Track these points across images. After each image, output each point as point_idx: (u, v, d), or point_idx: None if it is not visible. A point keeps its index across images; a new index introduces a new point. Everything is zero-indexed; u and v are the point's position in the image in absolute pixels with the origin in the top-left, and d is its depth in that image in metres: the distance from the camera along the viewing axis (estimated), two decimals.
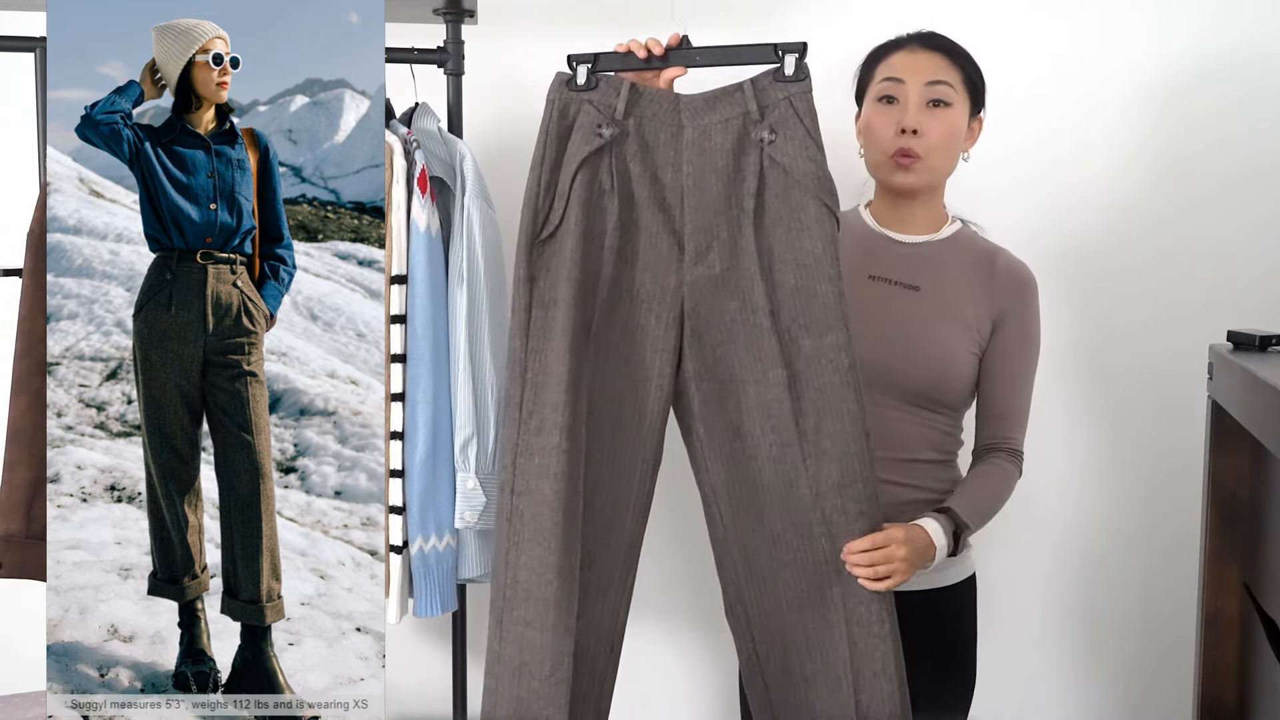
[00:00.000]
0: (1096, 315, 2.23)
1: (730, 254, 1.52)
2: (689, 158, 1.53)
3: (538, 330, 1.51)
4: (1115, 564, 2.27)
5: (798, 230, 1.50)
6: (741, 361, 1.54)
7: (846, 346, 1.51)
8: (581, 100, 1.54)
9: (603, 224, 1.53)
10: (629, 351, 1.54)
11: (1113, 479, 2.27)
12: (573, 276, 1.50)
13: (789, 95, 1.51)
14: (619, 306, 1.54)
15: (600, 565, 1.56)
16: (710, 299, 1.53)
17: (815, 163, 1.50)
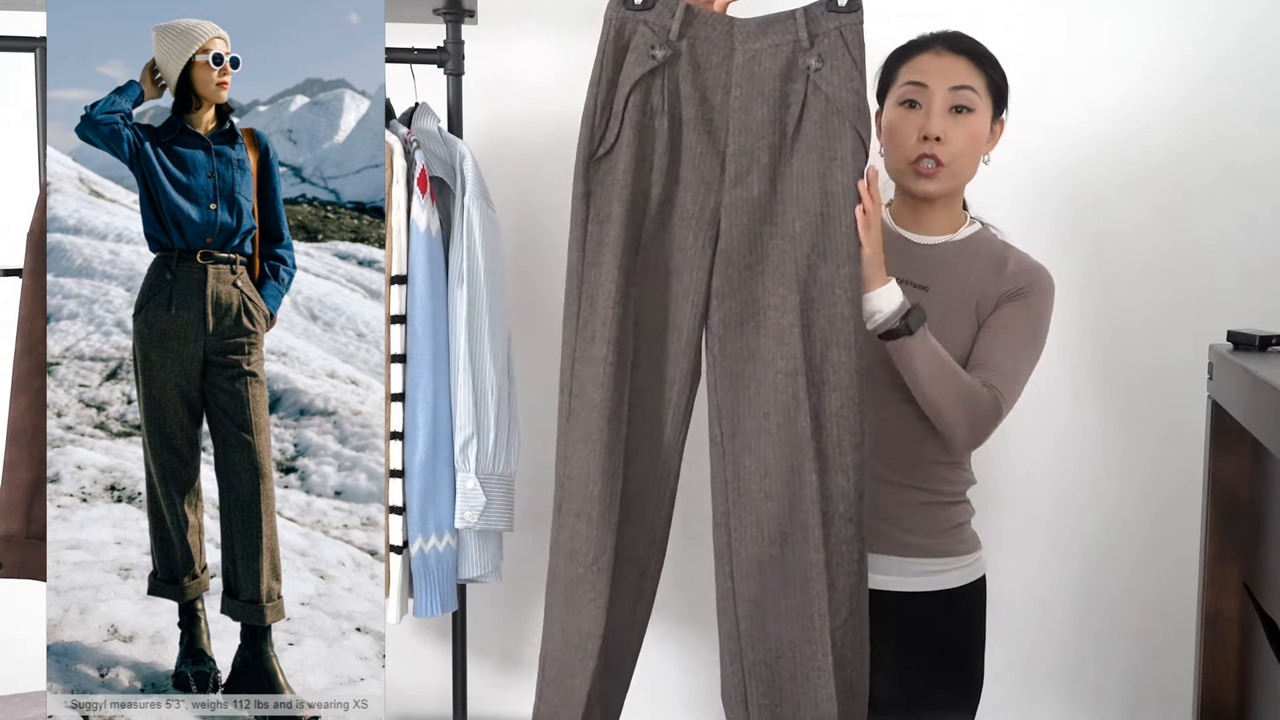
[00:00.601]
0: (1096, 315, 2.23)
1: (769, 179, 1.56)
2: (738, 80, 1.56)
3: (593, 245, 1.57)
4: (1115, 564, 2.27)
5: (830, 159, 1.53)
6: (765, 286, 1.57)
7: (857, 278, 1.54)
8: (637, 20, 1.57)
9: (653, 144, 1.57)
10: (672, 268, 1.59)
11: (1113, 479, 2.27)
12: (624, 195, 1.55)
13: (840, 26, 1.53)
14: (665, 224, 1.58)
15: (643, 463, 1.62)
16: (745, 221, 1.57)
17: (857, 94, 1.53)
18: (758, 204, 1.56)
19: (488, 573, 1.94)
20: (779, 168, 1.56)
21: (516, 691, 2.35)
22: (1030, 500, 2.26)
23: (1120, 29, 2.19)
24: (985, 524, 2.23)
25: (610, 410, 1.56)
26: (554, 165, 2.24)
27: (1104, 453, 2.26)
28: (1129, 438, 2.25)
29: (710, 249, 1.57)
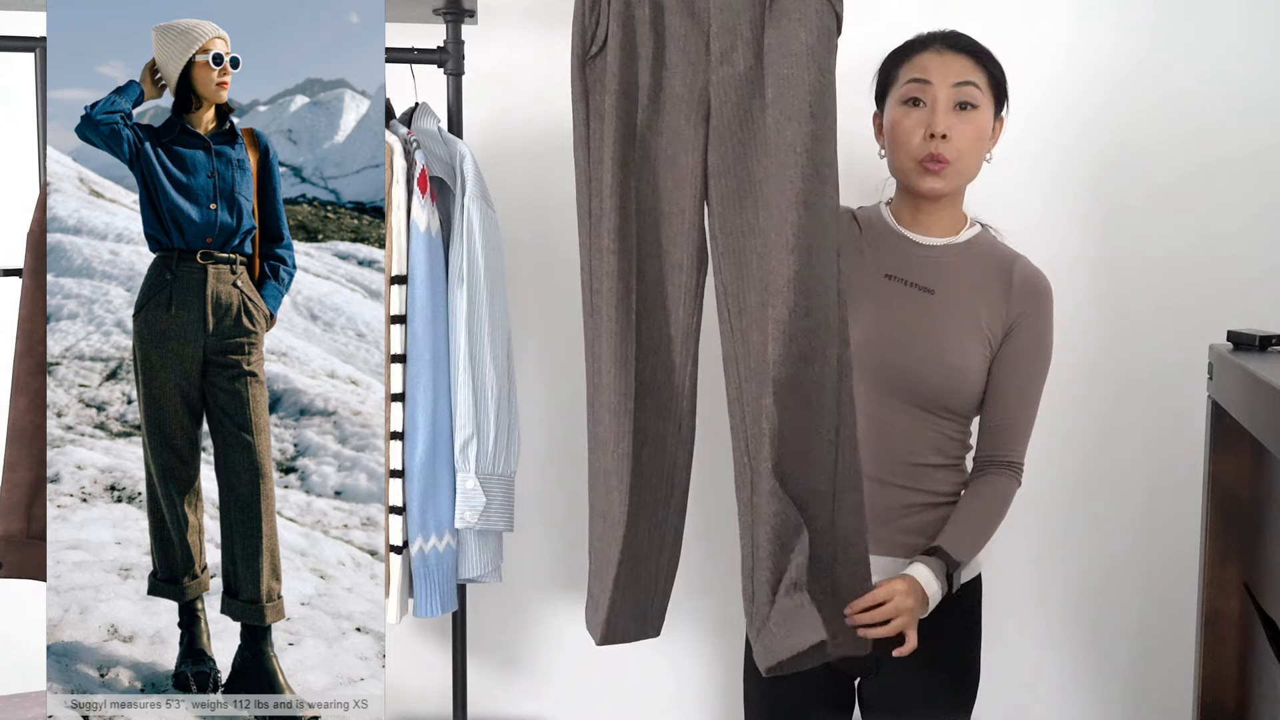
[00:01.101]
0: (1096, 315, 2.23)
1: (754, 53, 1.57)
2: None
3: (596, 141, 1.61)
4: (1115, 563, 2.27)
5: (796, 20, 1.54)
6: (758, 159, 1.58)
7: (821, 139, 1.54)
8: None
9: (638, 33, 1.59)
10: (670, 153, 1.62)
11: (1113, 479, 2.27)
12: (615, 88, 1.58)
13: None
14: (659, 111, 1.61)
15: (661, 351, 1.66)
16: (734, 97, 1.58)
17: None
18: (745, 79, 1.57)
19: (488, 573, 1.94)
20: (761, 39, 1.57)
21: (516, 691, 2.35)
22: (1030, 500, 2.25)
23: (1120, 29, 2.19)
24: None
25: (618, 298, 1.60)
26: (554, 165, 2.24)
27: (1104, 452, 2.26)
28: (1129, 437, 2.25)
29: (703, 129, 1.59)
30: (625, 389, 1.62)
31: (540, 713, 2.36)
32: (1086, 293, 2.22)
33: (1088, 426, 2.25)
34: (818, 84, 1.53)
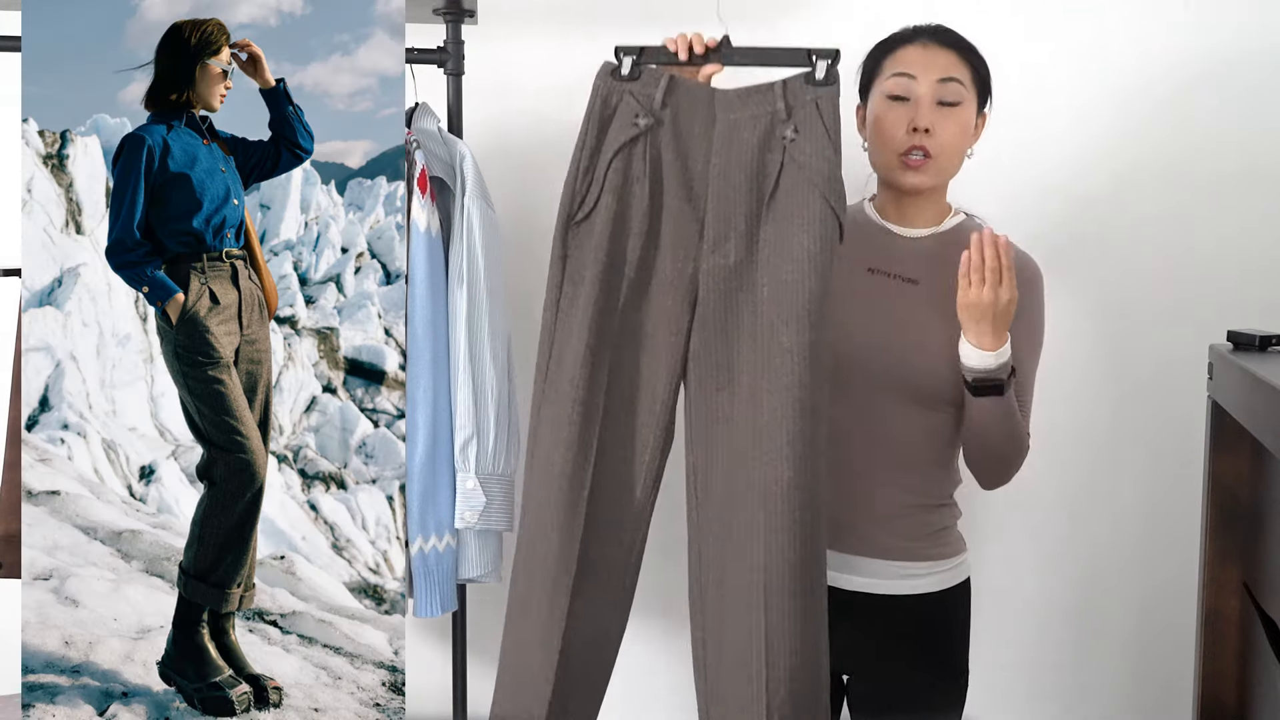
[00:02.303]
0: (1096, 315, 2.23)
1: (745, 246, 1.58)
2: (718, 149, 1.59)
3: (566, 304, 1.60)
4: (1115, 564, 2.27)
5: (799, 225, 1.55)
6: (739, 351, 1.59)
7: (818, 348, 1.54)
8: (623, 90, 1.61)
9: (633, 208, 1.59)
10: (650, 330, 1.61)
11: (1112, 478, 2.27)
12: (599, 258, 1.57)
13: (816, 98, 1.56)
14: (644, 289, 1.60)
15: (611, 529, 1.63)
16: (722, 286, 1.59)
17: (829, 163, 1.55)
18: (734, 271, 1.58)
19: (488, 573, 1.94)
20: (754, 234, 1.58)
21: None
22: (1030, 500, 2.26)
23: (1120, 28, 2.19)
24: (984, 524, 2.23)
25: (572, 469, 1.57)
26: (554, 165, 2.24)
27: (1104, 452, 2.26)
28: (1129, 437, 2.25)
29: (689, 313, 1.60)
30: (566, 564, 1.58)
31: None
32: (1087, 293, 2.22)
33: (1088, 426, 2.25)
34: (818, 291, 1.54)
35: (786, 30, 2.16)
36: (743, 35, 2.21)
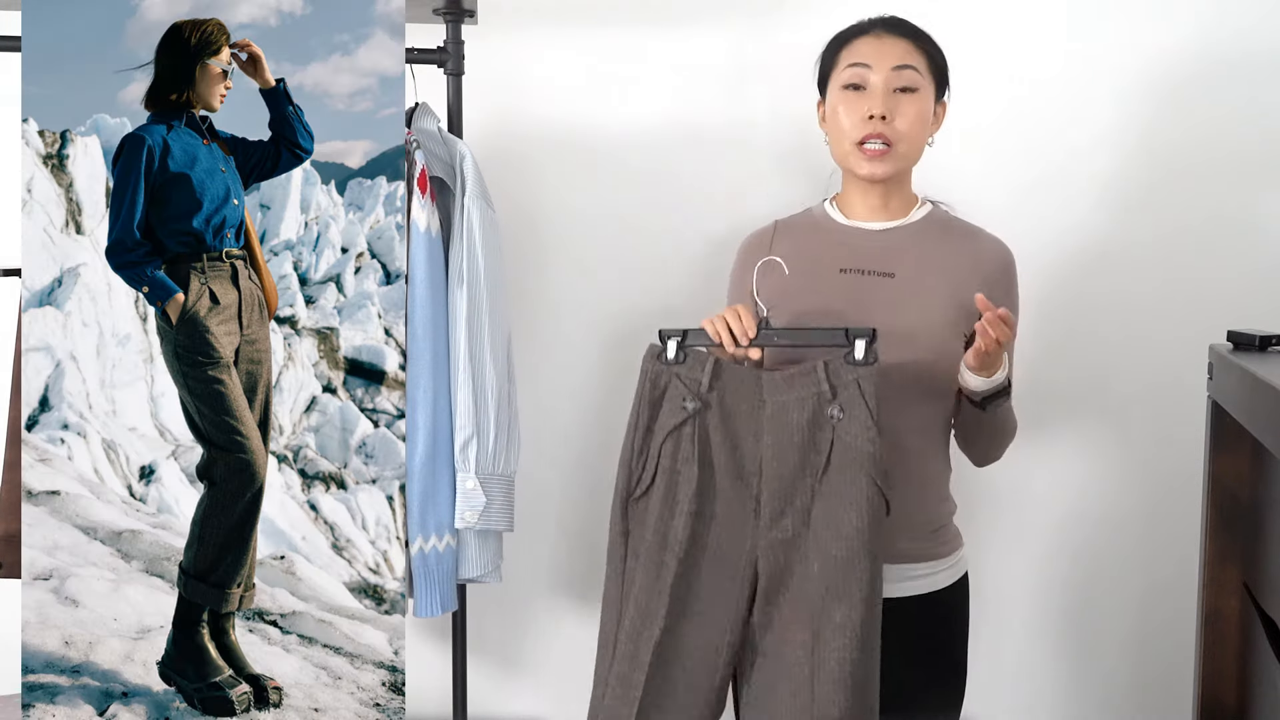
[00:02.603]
0: (1096, 315, 2.23)
1: (802, 520, 1.62)
2: (769, 430, 1.63)
3: (630, 579, 1.65)
4: (1115, 564, 2.27)
5: (848, 504, 1.59)
6: (786, 621, 1.62)
7: (871, 627, 1.59)
8: (671, 373, 1.66)
9: (685, 488, 1.64)
10: (705, 607, 1.65)
11: (1112, 479, 2.27)
12: (658, 537, 1.63)
13: (858, 377, 1.60)
14: (696, 565, 1.64)
15: None
16: (783, 560, 1.63)
17: (873, 444, 1.59)
18: (791, 544, 1.62)
19: (488, 573, 1.94)
20: (810, 509, 1.62)
21: (516, 691, 2.35)
22: (1029, 500, 2.26)
23: (1119, 27, 2.19)
24: (983, 524, 2.23)
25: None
26: (554, 165, 2.25)
27: (1103, 453, 2.26)
28: (1128, 437, 2.25)
29: (747, 589, 1.64)
30: None
31: (540, 713, 2.36)
32: (1087, 293, 2.22)
33: (1088, 426, 2.25)
34: (869, 571, 1.58)
35: (783, 28, 2.16)
36: (739, 34, 2.21)
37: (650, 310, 2.26)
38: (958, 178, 2.11)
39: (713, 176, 2.23)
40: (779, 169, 2.19)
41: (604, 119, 2.23)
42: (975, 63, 2.19)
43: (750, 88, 2.22)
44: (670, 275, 2.25)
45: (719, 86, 2.23)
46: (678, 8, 2.22)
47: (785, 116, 2.18)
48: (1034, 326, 2.19)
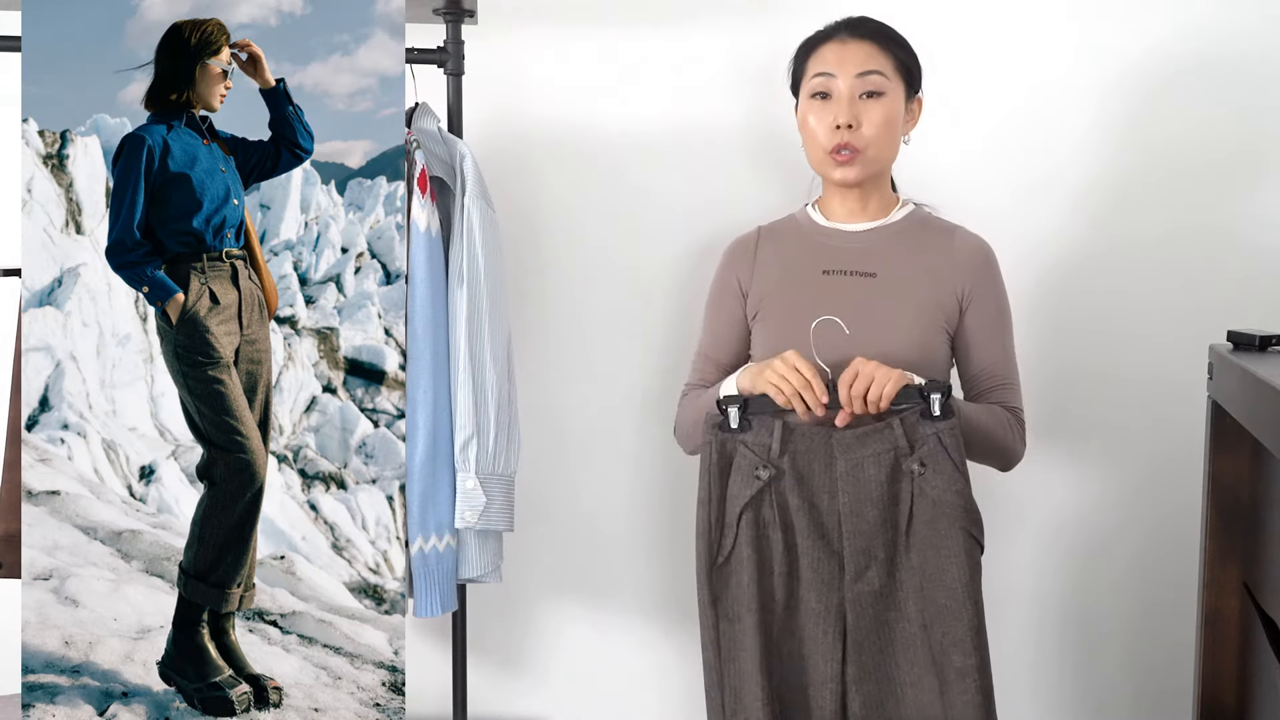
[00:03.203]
0: (1096, 315, 2.23)
1: (887, 572, 1.66)
2: (844, 488, 1.65)
3: (727, 643, 1.68)
4: (1115, 564, 2.27)
5: (946, 556, 1.62)
6: (899, 664, 1.66)
7: (986, 669, 1.63)
8: (736, 441, 1.68)
9: (770, 552, 1.67)
10: (805, 657, 1.68)
11: (1112, 479, 2.27)
12: (753, 604, 1.65)
13: (937, 431, 1.63)
14: (794, 617, 1.68)
15: None
16: (871, 611, 1.66)
17: (962, 495, 1.62)
18: (880, 595, 1.66)
19: (488, 573, 1.94)
20: (896, 560, 1.65)
21: (516, 691, 2.35)
22: (1029, 501, 2.26)
23: (1125, 25, 2.19)
24: (984, 524, 2.23)
25: None
26: (554, 165, 2.25)
27: (1104, 452, 2.26)
28: (1129, 438, 2.25)
29: (840, 640, 1.66)
30: None
31: (540, 713, 2.36)
32: (1087, 293, 2.22)
33: (1088, 426, 2.25)
34: (975, 618, 1.61)
35: (783, 28, 2.16)
36: (740, 34, 2.21)
37: (650, 310, 2.26)
38: (956, 182, 2.11)
39: (713, 176, 2.23)
40: (780, 169, 2.20)
41: (604, 119, 2.24)
42: (972, 67, 2.19)
43: (751, 88, 2.22)
44: (670, 274, 2.25)
45: (719, 86, 2.23)
46: (678, 8, 2.22)
47: (786, 117, 2.18)
48: (1034, 327, 2.19)
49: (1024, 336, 2.13)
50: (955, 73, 2.17)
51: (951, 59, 2.15)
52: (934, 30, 2.07)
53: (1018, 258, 2.15)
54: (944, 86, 2.11)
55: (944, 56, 2.09)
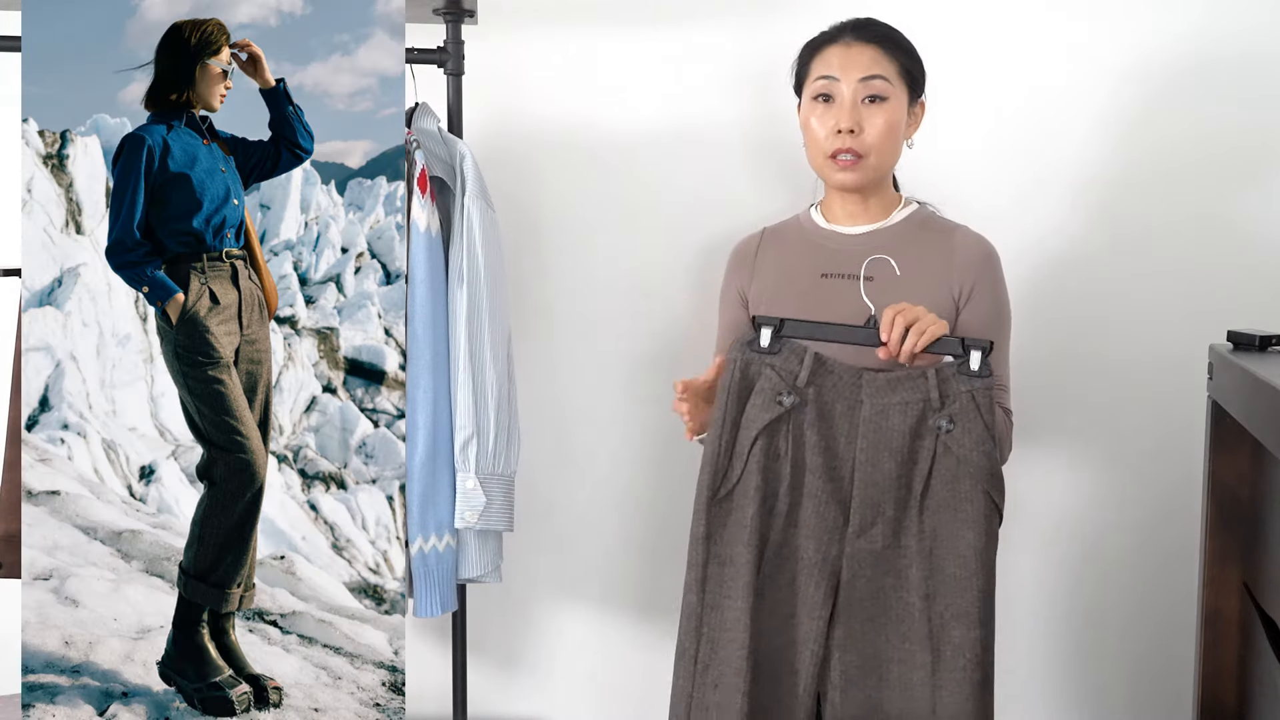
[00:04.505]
0: (1096, 315, 2.23)
1: (894, 532, 1.57)
2: (864, 433, 1.57)
3: (714, 587, 1.57)
4: (1115, 564, 2.27)
5: (963, 521, 1.55)
6: (889, 639, 1.58)
7: (988, 644, 1.54)
8: (763, 362, 1.58)
9: (776, 488, 1.58)
10: (789, 612, 1.60)
11: (1112, 479, 2.27)
12: (751, 540, 1.56)
13: (972, 389, 1.55)
14: (783, 569, 1.59)
15: None
16: (868, 573, 1.58)
17: (989, 457, 1.55)
18: (880, 557, 1.57)
19: (488, 573, 1.94)
20: (904, 521, 1.57)
21: (516, 691, 2.35)
22: (1029, 501, 2.26)
23: (1126, 25, 2.19)
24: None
25: None
26: (554, 165, 2.25)
27: (1104, 452, 2.26)
28: (1129, 438, 2.25)
29: (830, 598, 1.58)
30: None
31: (540, 713, 2.36)
32: (1086, 293, 2.22)
33: (1088, 426, 2.25)
34: (986, 589, 1.53)
35: (784, 28, 2.16)
36: (740, 34, 2.21)
37: (650, 310, 2.26)
38: (956, 181, 2.11)
39: (713, 176, 2.23)
40: (780, 169, 2.20)
41: (604, 119, 2.24)
42: (973, 68, 2.19)
43: (751, 87, 2.22)
44: (670, 275, 2.25)
45: (719, 86, 2.23)
46: (678, 8, 2.22)
47: (787, 117, 2.18)
48: (1035, 327, 2.19)
49: (1025, 335, 2.13)
50: (958, 72, 2.17)
51: (954, 58, 2.15)
52: (937, 30, 2.07)
53: (1019, 256, 2.15)
54: (947, 85, 2.11)
55: (947, 56, 2.09)
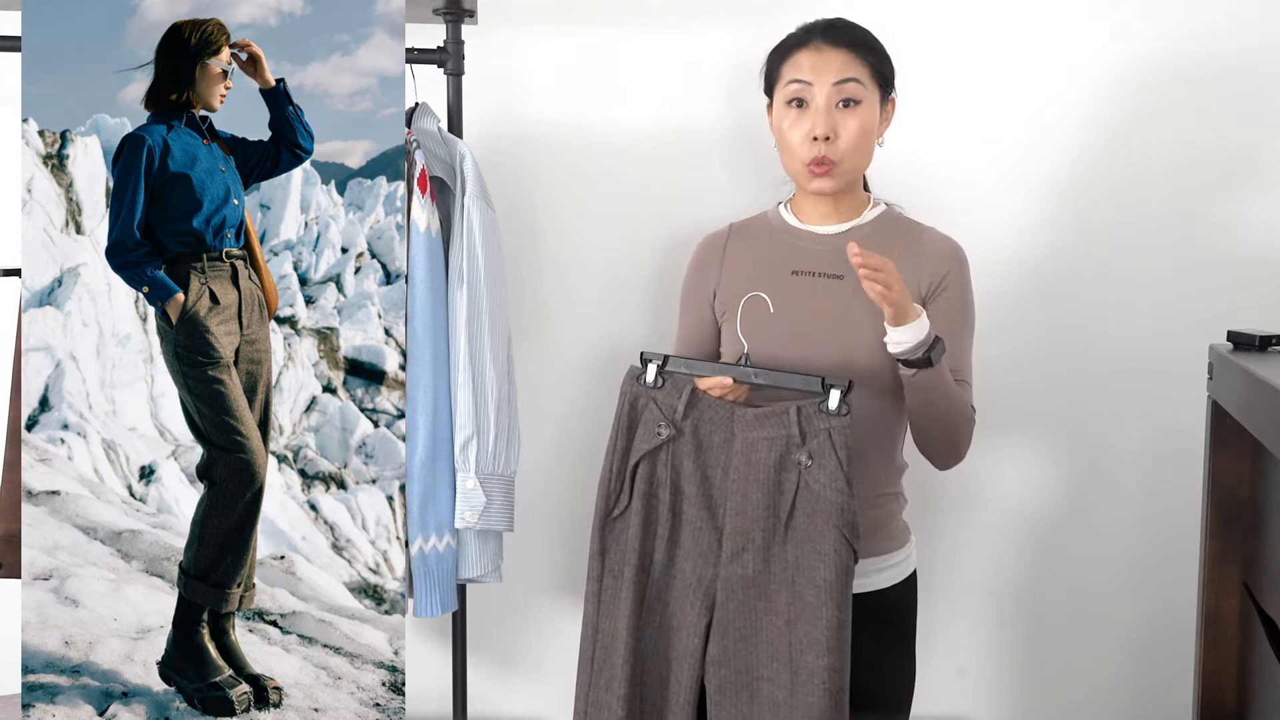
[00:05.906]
0: (1096, 316, 2.23)
1: (763, 559, 1.65)
2: (736, 465, 1.66)
3: (608, 598, 1.70)
4: (1115, 564, 2.27)
5: (817, 555, 1.61)
6: (759, 658, 1.65)
7: (839, 671, 1.60)
8: (649, 396, 1.69)
9: (657, 512, 1.69)
10: (671, 630, 1.69)
11: (1112, 479, 2.27)
12: (633, 560, 1.68)
13: (829, 428, 1.61)
14: (669, 586, 1.70)
15: None
16: (740, 596, 1.65)
17: (842, 494, 1.61)
18: (752, 581, 1.65)
19: (488, 573, 1.94)
20: (772, 549, 1.64)
21: (516, 691, 2.35)
22: (1029, 499, 2.26)
23: (1124, 25, 2.19)
24: (983, 525, 2.23)
25: None
26: (554, 165, 2.25)
27: (1103, 452, 2.26)
28: (1128, 438, 2.25)
29: (706, 617, 1.67)
30: None
31: (540, 713, 2.36)
32: (1086, 293, 2.22)
33: (1087, 426, 2.25)
34: (835, 620, 1.59)
35: (784, 28, 2.16)
36: (740, 35, 2.21)
37: (650, 310, 2.26)
38: (951, 184, 2.11)
39: (713, 176, 2.23)
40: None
41: (604, 119, 2.24)
42: (968, 70, 2.19)
43: (752, 88, 2.22)
44: (671, 274, 2.25)
45: (720, 86, 2.23)
46: (678, 8, 2.22)
47: None
48: (1033, 329, 2.19)
49: (1023, 338, 2.13)
50: (952, 75, 2.17)
51: (948, 61, 2.15)
52: (923, 35, 2.07)
53: (1017, 258, 2.16)
54: (939, 89, 2.11)
55: (939, 58, 2.09)
